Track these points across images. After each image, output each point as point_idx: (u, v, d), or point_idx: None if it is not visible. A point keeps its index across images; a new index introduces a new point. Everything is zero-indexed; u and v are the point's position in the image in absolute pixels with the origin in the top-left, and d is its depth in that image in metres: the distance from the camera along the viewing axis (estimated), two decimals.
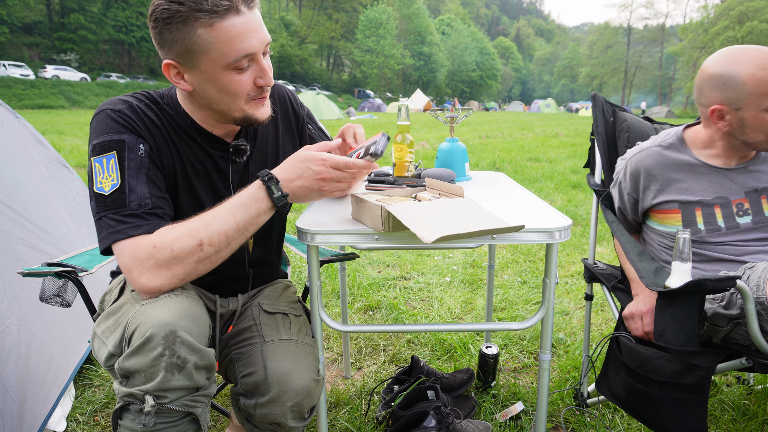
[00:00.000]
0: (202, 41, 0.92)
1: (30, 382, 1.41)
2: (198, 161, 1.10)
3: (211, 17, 0.90)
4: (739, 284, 1.02)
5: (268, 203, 0.98)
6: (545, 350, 1.19)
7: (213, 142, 1.11)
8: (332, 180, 1.00)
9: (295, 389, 1.00)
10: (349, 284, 2.82)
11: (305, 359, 1.05)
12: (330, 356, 2.08)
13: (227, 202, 0.97)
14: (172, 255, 0.90)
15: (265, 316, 1.17)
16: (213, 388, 0.94)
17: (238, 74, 0.96)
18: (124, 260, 0.91)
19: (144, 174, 0.97)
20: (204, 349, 0.89)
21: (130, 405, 0.85)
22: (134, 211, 0.93)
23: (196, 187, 1.10)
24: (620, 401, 1.26)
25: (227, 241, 0.95)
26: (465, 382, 1.78)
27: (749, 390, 1.78)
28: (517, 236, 1.03)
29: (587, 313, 1.72)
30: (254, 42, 0.94)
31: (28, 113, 19.80)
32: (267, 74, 1.00)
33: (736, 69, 1.22)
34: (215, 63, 0.94)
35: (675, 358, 1.10)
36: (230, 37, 0.91)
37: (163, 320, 0.85)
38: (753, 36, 38.69)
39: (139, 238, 0.91)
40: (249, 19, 0.93)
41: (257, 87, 1.00)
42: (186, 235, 0.92)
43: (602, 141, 1.65)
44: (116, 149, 0.96)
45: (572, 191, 5.62)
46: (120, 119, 0.98)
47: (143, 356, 0.83)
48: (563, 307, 2.54)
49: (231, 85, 0.97)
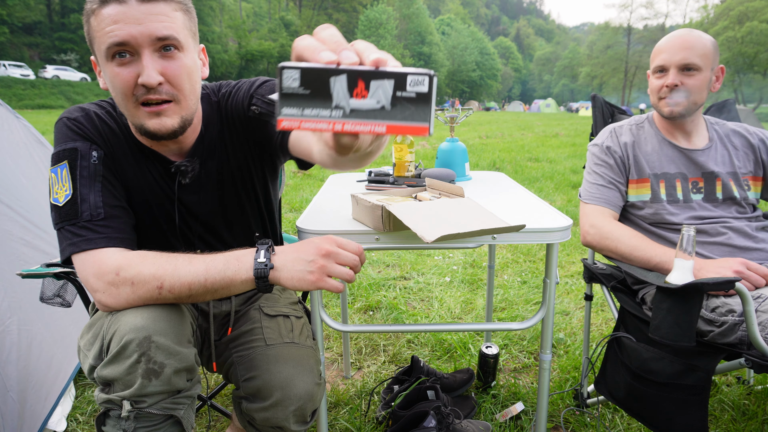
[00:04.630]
0: (92, 30, 0.89)
1: (30, 382, 1.41)
2: (147, 178, 1.04)
3: (99, 5, 0.87)
4: (738, 286, 1.03)
5: (247, 266, 0.89)
6: (545, 350, 1.19)
7: (156, 160, 1.04)
8: (334, 256, 0.90)
9: (297, 394, 0.99)
10: (349, 284, 2.82)
11: (307, 363, 1.04)
12: (330, 356, 2.08)
13: (216, 254, 0.91)
14: (132, 290, 0.87)
15: (267, 319, 1.16)
16: (196, 389, 0.93)
17: (119, 66, 0.89)
18: (83, 274, 0.90)
19: (98, 182, 0.94)
20: (181, 351, 0.87)
21: (111, 411, 0.85)
22: (86, 222, 0.91)
23: (147, 205, 1.05)
24: (620, 401, 1.26)
25: (189, 293, 0.89)
26: (465, 382, 1.78)
27: (749, 390, 1.78)
28: (518, 236, 1.03)
29: (587, 313, 1.72)
30: (131, 30, 0.86)
31: (28, 113, 19.79)
32: (146, 71, 0.88)
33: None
34: (100, 53, 0.90)
35: (675, 359, 1.10)
36: (106, 23, 0.87)
37: (137, 325, 0.84)
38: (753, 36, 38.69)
39: (103, 255, 0.89)
40: (133, 10, 0.86)
41: (142, 87, 0.89)
42: (150, 275, 0.87)
43: None
44: (68, 158, 0.94)
45: (572, 191, 5.62)
46: (74, 127, 0.97)
47: (120, 364, 0.83)
48: (563, 307, 2.54)
49: (114, 80, 0.90)
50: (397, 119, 0.45)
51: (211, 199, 1.09)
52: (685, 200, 1.44)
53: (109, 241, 0.91)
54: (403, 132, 0.46)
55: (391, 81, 0.45)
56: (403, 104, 0.45)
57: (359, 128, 0.46)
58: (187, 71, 0.93)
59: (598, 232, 1.42)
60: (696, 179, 1.45)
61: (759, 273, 1.21)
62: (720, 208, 1.42)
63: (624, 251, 1.36)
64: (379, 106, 0.45)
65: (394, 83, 0.45)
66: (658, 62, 1.42)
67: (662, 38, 1.46)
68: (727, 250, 1.36)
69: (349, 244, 0.93)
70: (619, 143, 1.51)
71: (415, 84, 0.45)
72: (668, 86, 1.40)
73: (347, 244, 0.93)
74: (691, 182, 1.45)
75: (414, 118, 0.45)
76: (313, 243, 0.91)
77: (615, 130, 1.55)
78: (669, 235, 1.42)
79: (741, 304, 1.16)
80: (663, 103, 1.43)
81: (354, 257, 0.92)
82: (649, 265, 1.32)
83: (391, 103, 0.45)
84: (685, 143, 1.48)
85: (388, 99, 0.45)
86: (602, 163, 1.51)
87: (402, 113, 0.45)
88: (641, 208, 1.47)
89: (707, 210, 1.42)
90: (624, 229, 1.40)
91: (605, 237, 1.40)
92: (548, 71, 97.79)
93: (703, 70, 1.38)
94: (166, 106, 0.92)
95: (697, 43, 1.37)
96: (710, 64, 1.39)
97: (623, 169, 1.50)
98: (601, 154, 1.53)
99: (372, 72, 0.44)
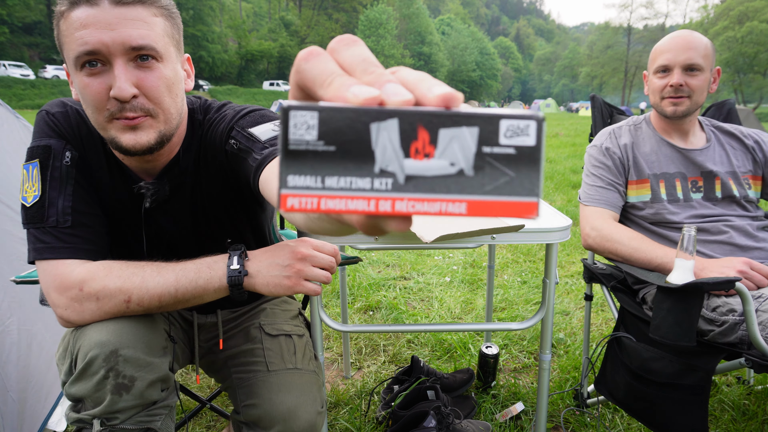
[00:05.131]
0: (61, 35, 0.81)
1: (30, 382, 1.41)
2: (117, 192, 0.96)
3: (68, 8, 0.79)
4: (738, 286, 1.03)
5: (220, 274, 0.84)
6: (545, 350, 1.19)
7: (124, 178, 0.95)
8: (310, 259, 0.86)
9: (300, 426, 0.95)
10: (348, 284, 2.81)
11: (311, 391, 1.00)
12: (330, 356, 2.08)
13: (187, 262, 0.86)
14: (98, 305, 0.82)
15: (268, 339, 1.10)
16: (172, 398, 0.89)
17: (89, 76, 0.80)
18: (44, 285, 0.84)
19: (69, 185, 0.88)
20: (153, 362, 0.83)
21: (83, 430, 0.82)
22: (51, 228, 0.85)
23: (116, 218, 0.97)
24: (620, 401, 1.26)
25: (159, 305, 0.84)
26: (465, 382, 1.78)
27: (749, 390, 1.78)
28: (517, 236, 1.03)
29: (587, 313, 1.72)
30: (102, 37, 0.77)
31: (28, 113, 19.77)
32: (118, 83, 0.78)
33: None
34: (70, 61, 0.81)
35: (675, 359, 1.10)
36: (75, 28, 0.78)
37: (101, 340, 0.79)
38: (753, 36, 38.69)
39: (65, 267, 0.83)
40: (105, 14, 0.78)
41: (115, 101, 0.80)
42: (116, 289, 0.82)
43: None
44: (40, 156, 0.87)
45: (572, 191, 5.62)
46: (51, 123, 0.90)
47: (87, 381, 0.79)
48: (563, 307, 2.54)
49: (83, 91, 0.81)
50: (486, 192, 0.28)
51: (184, 226, 1.01)
52: (685, 199, 1.44)
53: (74, 252, 0.85)
54: (497, 212, 0.29)
55: (474, 130, 0.28)
56: (494, 167, 0.28)
57: (422, 207, 0.28)
58: (167, 83, 0.84)
59: (599, 235, 1.42)
60: (695, 178, 1.45)
61: (762, 273, 1.21)
62: (720, 206, 1.42)
63: (625, 253, 1.36)
64: (453, 170, 0.28)
65: (478, 133, 0.28)
66: (661, 62, 1.42)
67: (662, 39, 1.46)
68: (729, 249, 1.36)
69: (324, 245, 0.90)
70: (618, 144, 1.51)
71: (515, 133, 0.28)
72: (673, 86, 1.40)
73: (322, 245, 0.90)
74: (690, 181, 1.45)
75: (513, 189, 0.28)
76: (288, 247, 0.87)
77: (614, 132, 1.55)
78: (671, 235, 1.42)
79: (741, 304, 1.16)
80: (666, 102, 1.43)
81: (330, 259, 0.89)
82: (650, 267, 1.32)
83: (474, 164, 0.28)
84: (682, 143, 1.48)
85: (469, 159, 0.28)
86: (601, 165, 1.51)
87: (492, 181, 0.28)
88: (642, 208, 1.47)
89: (708, 208, 1.42)
90: (625, 231, 1.40)
91: (606, 239, 1.40)
92: (548, 71, 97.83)
93: (705, 71, 1.39)
94: (142, 119, 0.83)
95: (699, 44, 1.38)
96: (710, 64, 1.39)
97: (622, 170, 1.50)
98: (599, 155, 1.53)
99: (441, 115, 0.27)
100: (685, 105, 1.41)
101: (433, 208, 0.28)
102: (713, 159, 1.46)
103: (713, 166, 1.45)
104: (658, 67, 1.44)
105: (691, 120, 1.47)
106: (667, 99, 1.43)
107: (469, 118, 0.28)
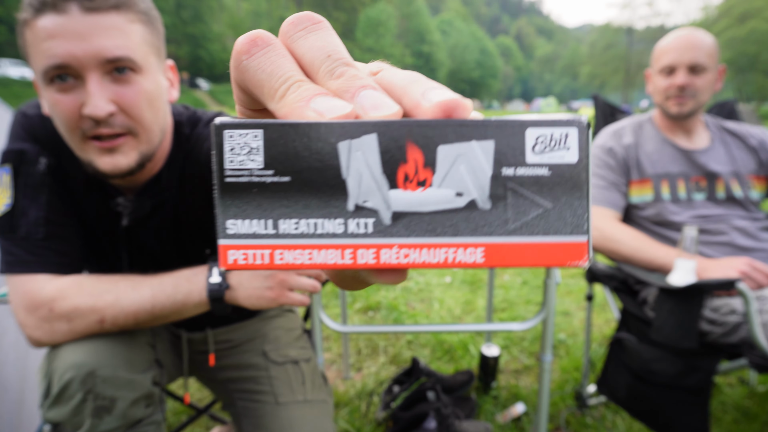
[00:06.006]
0: (27, 45, 0.73)
1: (29, 382, 1.41)
2: (94, 205, 0.88)
3: (33, 16, 0.70)
4: (740, 286, 1.02)
5: (200, 287, 0.78)
6: (546, 351, 1.19)
7: (104, 191, 0.87)
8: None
9: None
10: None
11: (322, 425, 0.96)
12: (330, 357, 2.08)
13: (164, 276, 0.81)
14: (69, 326, 0.77)
15: (274, 367, 1.03)
16: (158, 414, 0.85)
17: (59, 92, 0.72)
18: (13, 302, 0.79)
19: (43, 194, 0.81)
20: (134, 379, 0.78)
21: None
22: (22, 240, 0.79)
23: (93, 231, 0.90)
24: (621, 402, 1.26)
25: (135, 322, 0.79)
26: (465, 383, 1.77)
27: (751, 391, 1.78)
28: None
29: (588, 313, 1.72)
30: (71, 49, 0.69)
31: None
32: (92, 100, 0.70)
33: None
34: (38, 74, 0.73)
35: (677, 360, 1.09)
36: (42, 39, 0.70)
37: (76, 362, 0.74)
38: (754, 35, 38.65)
39: (35, 284, 0.77)
40: (75, 22, 0.69)
41: (90, 119, 0.72)
42: (88, 308, 0.76)
43: None
44: (12, 161, 0.80)
45: None
46: (27, 125, 0.83)
47: (64, 405, 0.75)
48: (564, 307, 2.54)
49: (54, 109, 0.73)
50: (510, 231, 0.20)
51: (166, 242, 0.94)
52: (688, 199, 1.43)
53: (44, 266, 0.79)
54: (528, 260, 0.20)
55: (488, 144, 0.20)
56: (520, 195, 0.20)
57: (419, 257, 0.20)
58: (148, 97, 0.76)
59: (600, 234, 1.42)
60: (698, 179, 1.44)
61: (764, 273, 1.20)
62: (722, 207, 1.41)
63: (627, 253, 1.36)
64: (462, 202, 0.20)
65: (494, 148, 0.20)
66: (665, 61, 1.41)
67: (665, 38, 1.45)
68: (730, 250, 1.35)
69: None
70: (621, 144, 1.51)
71: (548, 146, 0.20)
72: (679, 86, 1.39)
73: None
74: (693, 182, 1.44)
75: (549, 225, 0.20)
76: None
77: (617, 132, 1.55)
78: (672, 235, 1.41)
79: (743, 305, 1.15)
80: (671, 103, 1.42)
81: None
82: (652, 267, 1.32)
83: (491, 193, 0.20)
84: (686, 143, 1.48)
85: (484, 186, 0.20)
86: (603, 165, 1.51)
87: (519, 216, 0.20)
88: (643, 208, 1.46)
89: (710, 209, 1.41)
90: (627, 231, 1.40)
91: (608, 239, 1.40)
92: (549, 70, 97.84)
93: (709, 70, 1.38)
94: (121, 140, 0.75)
95: (703, 43, 1.37)
96: (715, 63, 1.39)
97: (625, 170, 1.49)
98: (602, 155, 1.52)
99: (439, 125, 0.20)
100: (689, 105, 1.40)
101: (435, 257, 0.20)
102: (716, 159, 1.45)
103: (716, 166, 1.44)
104: (662, 67, 1.43)
105: (695, 119, 1.47)
106: (671, 99, 1.42)
107: (479, 127, 0.20)
